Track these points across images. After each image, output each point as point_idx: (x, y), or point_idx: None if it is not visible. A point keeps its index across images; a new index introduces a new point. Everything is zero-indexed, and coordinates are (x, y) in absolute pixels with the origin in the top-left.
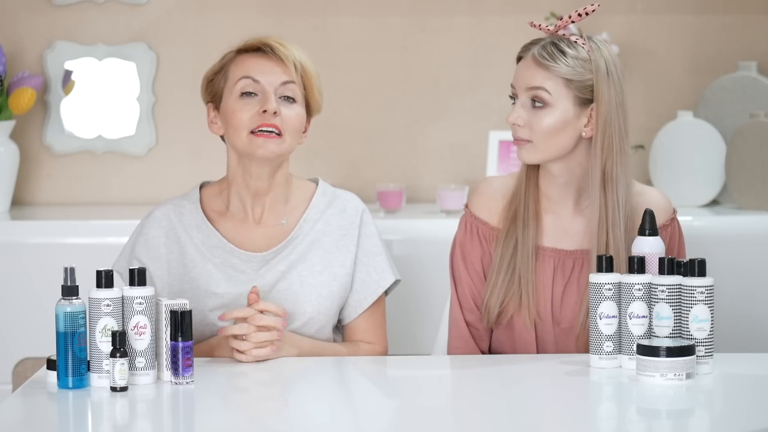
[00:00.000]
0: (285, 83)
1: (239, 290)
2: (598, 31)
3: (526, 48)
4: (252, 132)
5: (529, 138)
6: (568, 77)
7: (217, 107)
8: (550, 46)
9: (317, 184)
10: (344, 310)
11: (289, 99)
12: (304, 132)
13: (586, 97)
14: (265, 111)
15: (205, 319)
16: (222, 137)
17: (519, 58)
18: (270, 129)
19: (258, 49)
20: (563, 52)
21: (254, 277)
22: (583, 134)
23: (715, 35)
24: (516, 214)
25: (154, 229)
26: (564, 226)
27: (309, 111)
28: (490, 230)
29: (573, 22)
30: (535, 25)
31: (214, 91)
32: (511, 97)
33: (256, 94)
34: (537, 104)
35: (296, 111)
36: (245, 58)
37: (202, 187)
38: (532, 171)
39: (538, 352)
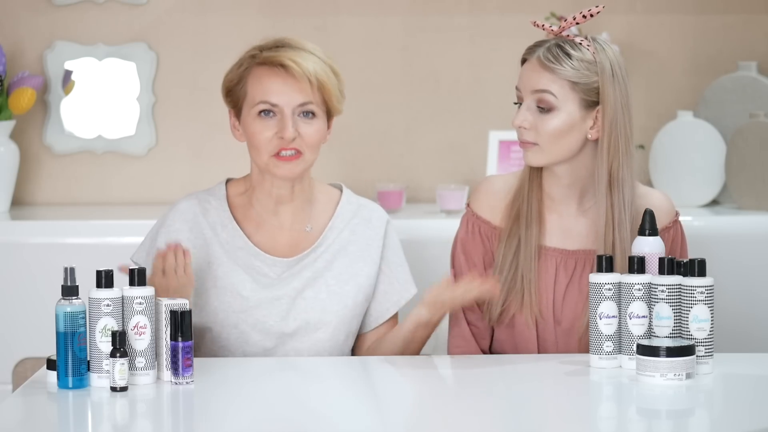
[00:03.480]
0: (303, 104)
1: (262, 295)
2: (598, 31)
3: (531, 50)
4: (273, 155)
5: (535, 141)
6: (574, 80)
7: (237, 115)
8: (555, 49)
9: (341, 190)
10: (364, 319)
11: (309, 114)
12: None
13: (591, 100)
14: (282, 137)
15: (228, 319)
16: None
17: (523, 61)
18: (290, 152)
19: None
20: (568, 55)
21: (276, 282)
22: (589, 136)
23: (715, 35)
24: (519, 213)
25: (177, 222)
26: (567, 226)
27: (330, 114)
28: (491, 229)
29: (578, 23)
30: (538, 25)
31: (233, 101)
32: (516, 100)
33: (274, 114)
34: (543, 107)
35: (315, 126)
36: (263, 74)
37: (227, 183)
38: (536, 171)
39: (539, 352)
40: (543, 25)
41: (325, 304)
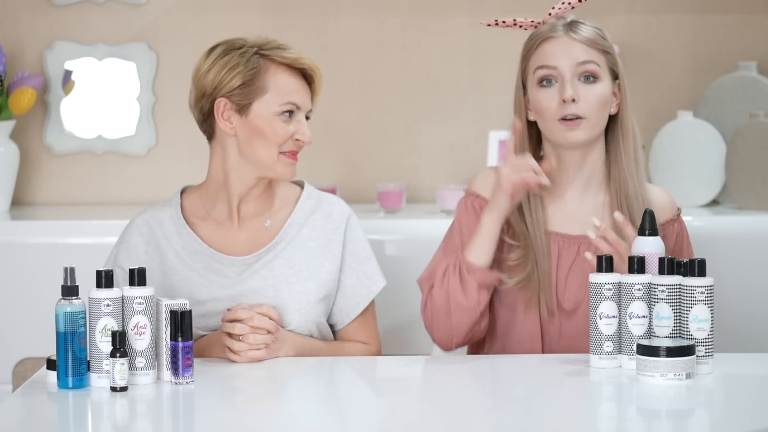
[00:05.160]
0: (310, 109)
1: (222, 294)
2: None
3: (550, 30)
4: (281, 152)
5: (584, 114)
6: (607, 50)
7: (238, 109)
8: (578, 23)
9: (302, 187)
10: (335, 315)
11: (308, 119)
12: None
13: (615, 71)
14: (298, 139)
15: None
16: (206, 135)
17: (538, 42)
18: (296, 152)
19: (296, 67)
20: (593, 27)
21: (237, 282)
22: (612, 110)
23: (715, 35)
24: (521, 209)
25: (134, 236)
26: (570, 211)
27: None
28: None
29: (573, 7)
30: (545, 20)
31: (241, 95)
32: (545, 79)
33: (293, 114)
34: (589, 79)
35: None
36: (285, 74)
37: (183, 191)
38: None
39: (542, 339)
40: (550, 13)
41: (286, 303)
